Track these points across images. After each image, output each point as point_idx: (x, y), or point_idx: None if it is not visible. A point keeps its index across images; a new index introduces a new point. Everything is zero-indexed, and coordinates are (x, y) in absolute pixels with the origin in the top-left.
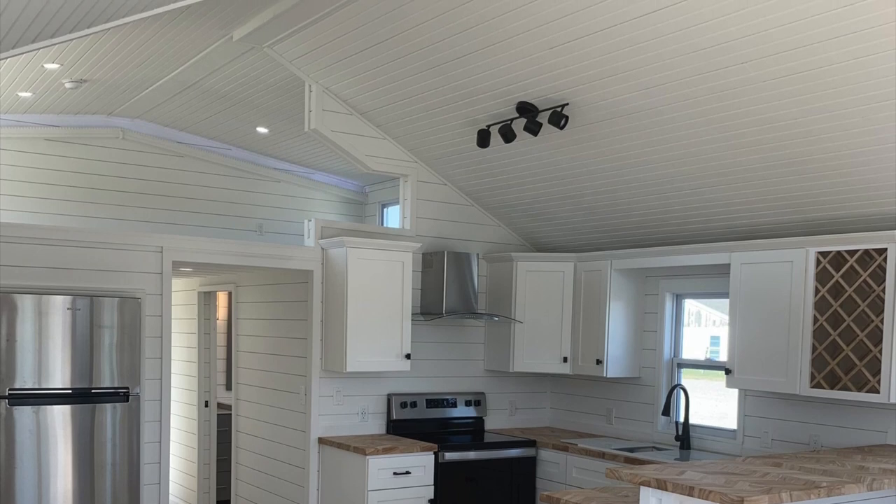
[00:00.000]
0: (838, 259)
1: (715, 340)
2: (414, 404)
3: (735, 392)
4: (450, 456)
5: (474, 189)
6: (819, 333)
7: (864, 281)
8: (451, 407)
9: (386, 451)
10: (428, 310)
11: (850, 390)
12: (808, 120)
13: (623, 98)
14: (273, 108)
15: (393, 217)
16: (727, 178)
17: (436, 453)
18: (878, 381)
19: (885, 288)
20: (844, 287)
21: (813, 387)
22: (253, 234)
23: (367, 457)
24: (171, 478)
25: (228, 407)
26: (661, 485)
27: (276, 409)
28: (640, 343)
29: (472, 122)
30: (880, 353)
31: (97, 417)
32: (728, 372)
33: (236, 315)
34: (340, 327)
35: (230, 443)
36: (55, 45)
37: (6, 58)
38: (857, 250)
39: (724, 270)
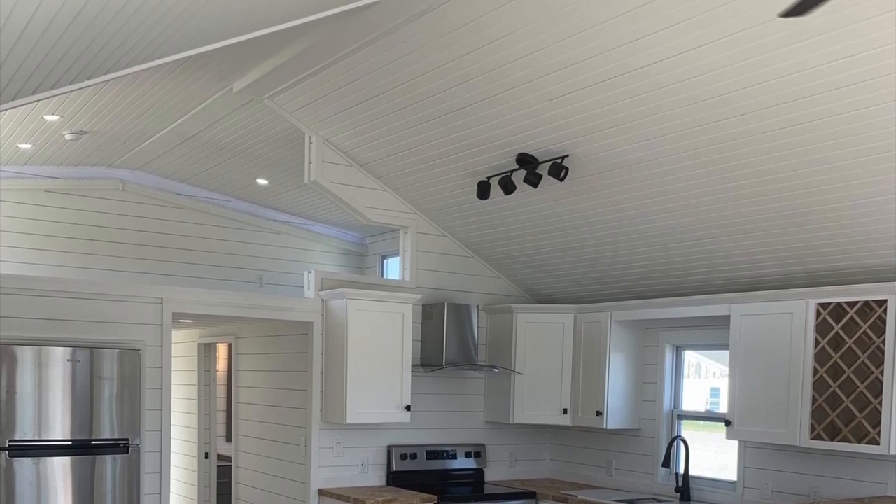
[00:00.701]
0: (838, 311)
1: (715, 392)
2: (414, 456)
3: (735, 444)
4: None
5: (474, 240)
6: (819, 385)
7: (864, 332)
8: (452, 458)
9: (386, 502)
10: (428, 361)
11: (851, 442)
12: (808, 171)
13: (623, 149)
14: (273, 159)
15: (393, 268)
16: (727, 230)
17: None
18: (878, 433)
19: (885, 339)
20: (844, 339)
21: (813, 438)
22: (253, 286)
23: None
24: None
25: (229, 458)
26: None
27: (277, 460)
28: (641, 394)
29: (472, 173)
30: (880, 405)
31: (97, 469)
32: (728, 423)
33: (236, 366)
34: (340, 379)
35: (230, 494)
36: (55, 96)
37: (6, 109)
38: (857, 302)
39: (724, 322)
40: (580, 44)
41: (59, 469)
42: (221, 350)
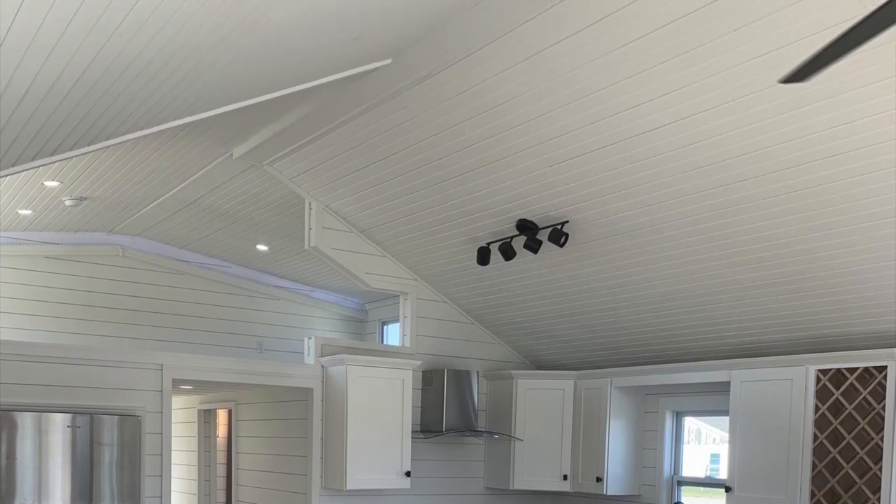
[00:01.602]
0: (838, 377)
1: (715, 458)
2: None
3: None
4: None
5: (474, 306)
6: (819, 451)
7: (864, 398)
8: None
9: None
10: (428, 427)
11: None
12: (808, 237)
13: (623, 215)
14: (273, 225)
15: (393, 334)
16: (727, 296)
17: None
18: (879, 499)
19: (885, 406)
20: (844, 405)
21: None
22: (253, 352)
23: None
24: None
25: None
26: None
27: None
28: (641, 460)
29: (472, 239)
30: (880, 471)
31: None
32: (728, 489)
33: (236, 432)
34: (340, 445)
35: None
36: (55, 162)
37: (6, 175)
38: (857, 368)
39: (724, 388)
40: (580, 110)
41: None
42: (221, 416)
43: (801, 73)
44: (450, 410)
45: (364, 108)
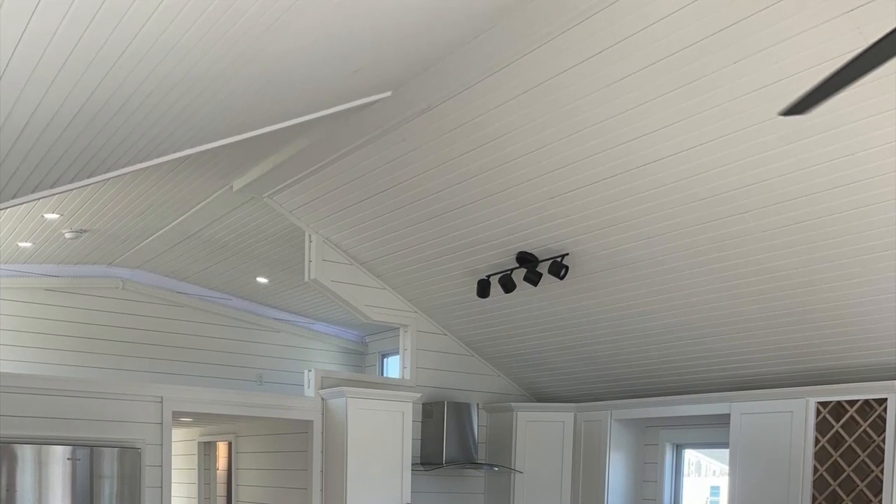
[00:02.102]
0: (838, 409)
1: (715, 491)
2: None
3: None
4: None
5: (474, 339)
6: (819, 484)
7: (865, 431)
8: None
9: None
10: (428, 459)
11: None
12: (809, 270)
13: (623, 248)
14: (273, 257)
15: (393, 367)
16: (728, 328)
17: None
18: None
19: (885, 438)
20: (844, 437)
21: None
22: (253, 384)
23: None
24: None
25: None
26: None
27: None
28: (641, 493)
29: (472, 272)
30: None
31: None
32: None
33: (236, 465)
34: (340, 477)
35: None
36: (55, 195)
37: (6, 208)
38: (857, 400)
39: (724, 420)
40: (581, 142)
41: None
42: (221, 448)
43: (802, 106)
44: (450, 443)
45: (364, 141)
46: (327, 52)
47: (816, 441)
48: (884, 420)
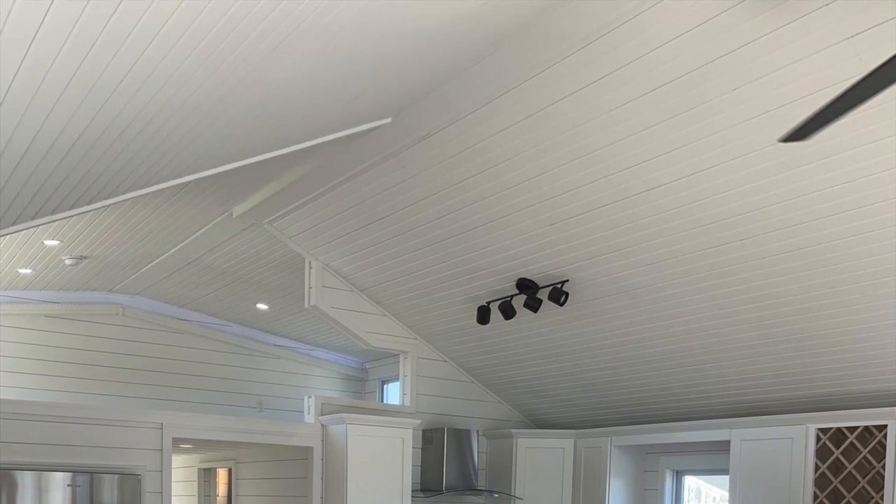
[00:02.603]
0: (838, 436)
1: None
2: None
3: None
4: None
5: (474, 365)
6: None
7: (865, 457)
8: None
9: None
10: (428, 486)
11: None
12: (809, 296)
13: (624, 274)
14: (273, 284)
15: (393, 393)
16: (728, 355)
17: None
18: None
19: (885, 465)
20: (844, 464)
21: None
22: (253, 411)
23: None
24: None
25: None
26: None
27: None
28: None
29: (472, 298)
30: None
31: None
32: None
33: (236, 491)
34: (341, 503)
35: None
36: (55, 221)
37: (6, 234)
38: (857, 427)
39: (724, 447)
40: (581, 168)
41: None
42: (221, 475)
43: (802, 132)
44: (450, 469)
45: (364, 167)
46: (327, 78)
47: (816, 467)
48: (884, 446)
